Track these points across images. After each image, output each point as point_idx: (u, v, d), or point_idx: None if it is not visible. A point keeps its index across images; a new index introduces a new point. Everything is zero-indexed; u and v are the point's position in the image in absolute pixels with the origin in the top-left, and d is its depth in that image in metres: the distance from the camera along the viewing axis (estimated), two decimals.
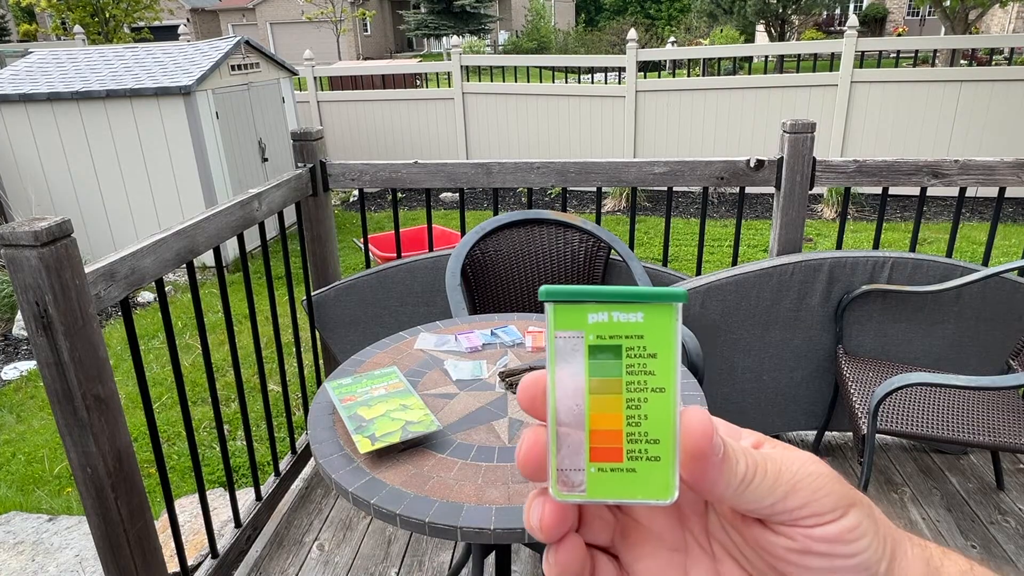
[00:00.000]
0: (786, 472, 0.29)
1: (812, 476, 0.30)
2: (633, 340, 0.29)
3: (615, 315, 0.29)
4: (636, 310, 0.29)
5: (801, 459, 0.30)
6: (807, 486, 0.29)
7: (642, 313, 0.29)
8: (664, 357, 0.29)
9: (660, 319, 0.29)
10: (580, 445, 0.30)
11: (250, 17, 33.80)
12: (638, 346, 0.29)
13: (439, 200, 8.14)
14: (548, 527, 0.30)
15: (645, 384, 0.29)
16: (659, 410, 0.29)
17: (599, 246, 2.39)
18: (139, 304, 5.37)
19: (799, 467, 0.30)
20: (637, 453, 0.29)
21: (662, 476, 0.29)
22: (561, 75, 11.85)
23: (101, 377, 1.40)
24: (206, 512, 1.94)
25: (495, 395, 1.56)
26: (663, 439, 0.29)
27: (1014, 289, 2.24)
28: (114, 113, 5.43)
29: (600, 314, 0.29)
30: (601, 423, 0.29)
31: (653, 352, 0.29)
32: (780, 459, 0.30)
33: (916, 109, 6.80)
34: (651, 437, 0.29)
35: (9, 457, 3.38)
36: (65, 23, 15.31)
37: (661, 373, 0.29)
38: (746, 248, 6.05)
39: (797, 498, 0.29)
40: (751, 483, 0.29)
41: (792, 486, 0.29)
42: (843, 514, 0.29)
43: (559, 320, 0.29)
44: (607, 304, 0.29)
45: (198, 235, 1.75)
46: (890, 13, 29.02)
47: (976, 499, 2.30)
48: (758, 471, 0.29)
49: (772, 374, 2.43)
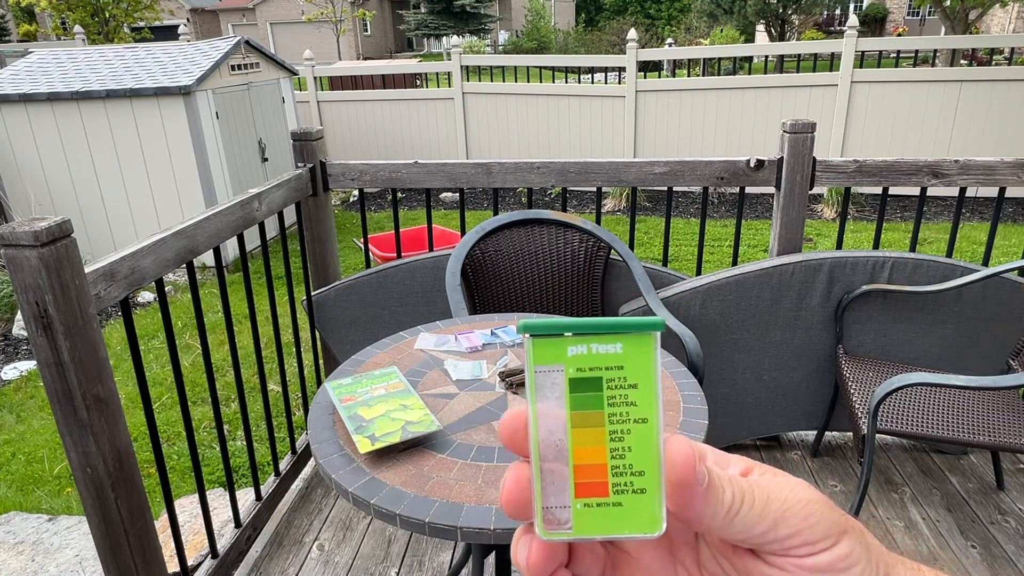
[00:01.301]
0: (774, 500, 0.29)
1: (801, 503, 0.29)
2: (613, 371, 0.29)
3: (594, 347, 0.29)
4: (615, 341, 0.29)
5: (790, 486, 0.30)
6: (796, 513, 0.29)
7: (621, 344, 0.29)
8: (645, 387, 0.29)
9: (639, 349, 0.29)
10: (565, 481, 0.29)
11: (250, 17, 33.80)
12: (618, 377, 0.29)
13: (439, 200, 8.14)
14: (536, 566, 0.29)
15: (627, 415, 0.29)
16: (642, 441, 0.29)
17: (599, 246, 2.39)
18: (139, 304, 5.37)
19: (788, 494, 0.29)
20: (623, 486, 0.29)
21: (649, 508, 0.29)
22: (561, 75, 11.85)
23: (101, 377, 1.40)
24: (206, 512, 1.94)
25: (495, 395, 1.56)
26: (648, 470, 0.29)
27: (1014, 289, 2.24)
28: (114, 113, 5.43)
29: (579, 347, 0.29)
30: (585, 457, 0.29)
31: (634, 383, 0.29)
32: (768, 487, 0.29)
33: (916, 109, 6.80)
34: (636, 469, 0.29)
35: (9, 457, 3.38)
36: (65, 23, 15.31)
37: (643, 403, 0.29)
38: (746, 248, 6.05)
39: (787, 527, 0.29)
40: (738, 512, 0.28)
41: (781, 514, 0.29)
42: (835, 542, 0.29)
43: (538, 354, 0.29)
44: (586, 336, 0.29)
45: (198, 235, 1.75)
46: (890, 13, 29.02)
47: (976, 499, 2.30)
48: (745, 499, 0.29)
49: (772, 374, 2.43)
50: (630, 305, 2.37)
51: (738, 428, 2.52)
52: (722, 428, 2.51)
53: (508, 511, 0.30)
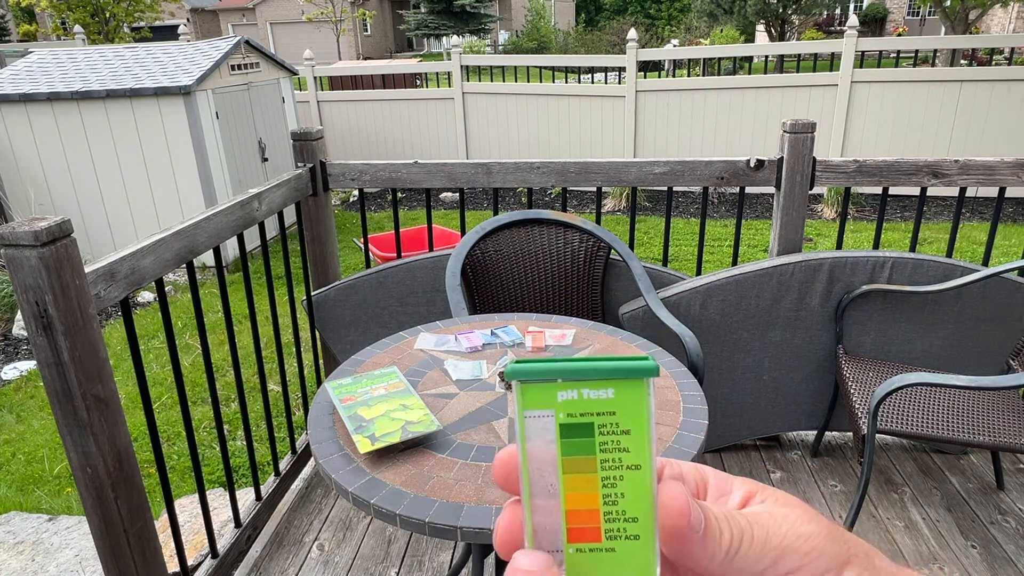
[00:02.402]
0: (774, 536, 0.29)
1: (802, 539, 0.29)
2: (605, 417, 0.28)
3: (585, 392, 0.28)
4: (606, 386, 0.28)
5: (791, 519, 0.29)
6: (797, 550, 0.28)
7: (612, 389, 0.28)
8: (637, 433, 0.28)
9: (631, 394, 0.28)
10: (557, 526, 0.29)
11: (250, 17, 33.80)
12: (610, 423, 0.28)
13: (439, 200, 8.14)
14: None
15: (620, 462, 0.28)
16: (635, 488, 0.28)
17: (599, 246, 2.39)
18: (139, 304, 5.37)
19: (788, 529, 0.29)
20: (616, 532, 0.28)
21: (642, 555, 0.28)
22: (561, 75, 11.85)
23: (101, 377, 1.40)
24: (206, 512, 1.94)
25: (495, 395, 1.56)
26: (641, 517, 0.28)
27: (1014, 289, 2.24)
28: (114, 113, 5.43)
29: (570, 392, 0.28)
30: (577, 502, 0.29)
31: (626, 429, 0.28)
32: (768, 521, 0.29)
33: (916, 109, 6.80)
34: (629, 515, 0.28)
35: (9, 457, 3.38)
36: (65, 23, 15.32)
37: (635, 450, 0.28)
38: (746, 248, 6.05)
39: (787, 563, 0.28)
40: (737, 552, 0.28)
41: (781, 552, 0.28)
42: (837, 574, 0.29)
43: (527, 400, 0.28)
44: (576, 382, 0.28)
45: (198, 235, 1.75)
46: (890, 13, 29.02)
47: (976, 499, 2.30)
48: (744, 540, 0.28)
49: (772, 374, 2.43)
50: (630, 305, 2.37)
51: (738, 428, 2.52)
52: (722, 428, 2.51)
53: (502, 554, 0.30)
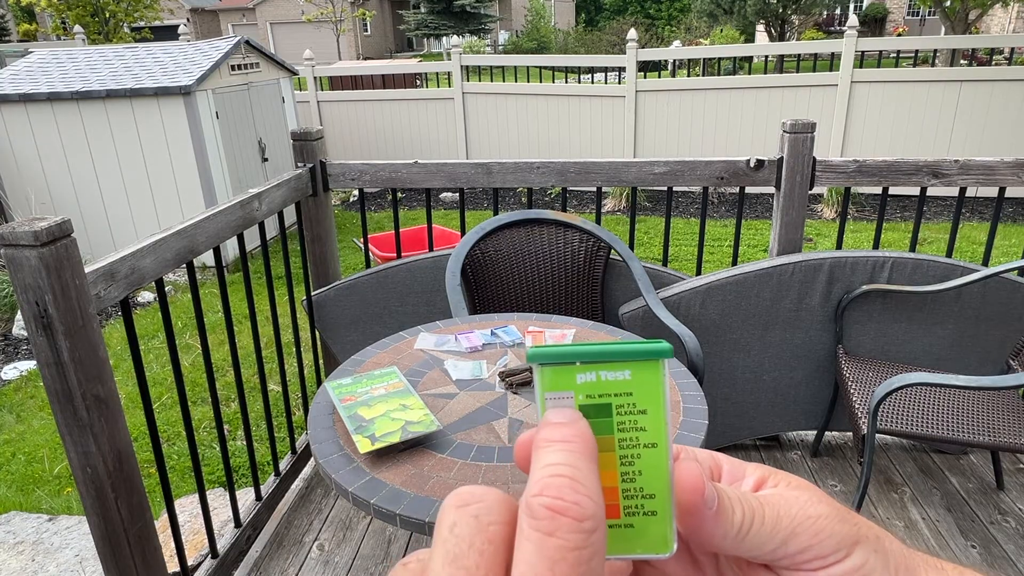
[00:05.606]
0: (785, 517, 0.29)
1: (812, 519, 0.29)
2: (622, 398, 0.29)
3: (603, 374, 0.29)
4: (623, 368, 0.29)
5: (801, 501, 0.30)
6: (807, 530, 0.29)
7: (629, 371, 0.29)
8: (654, 413, 0.29)
9: (648, 376, 0.29)
10: None
11: (250, 17, 33.80)
12: (628, 403, 0.29)
13: (439, 200, 8.14)
14: None
15: (637, 440, 0.29)
16: (652, 465, 0.29)
17: (599, 246, 2.39)
18: (139, 304, 5.37)
19: (798, 510, 0.30)
20: (634, 508, 0.29)
21: (659, 530, 0.29)
22: (561, 75, 11.85)
23: (101, 377, 1.40)
24: (206, 512, 1.94)
25: (495, 395, 1.56)
26: (658, 493, 0.29)
27: (1014, 289, 2.24)
28: (114, 113, 5.43)
29: (588, 374, 0.29)
30: None
31: (643, 408, 0.29)
32: (779, 503, 0.30)
33: (916, 109, 6.80)
34: (646, 492, 0.29)
35: (9, 457, 3.38)
36: (65, 23, 15.31)
37: (652, 428, 0.29)
38: (746, 248, 6.05)
39: (797, 543, 0.29)
40: (749, 531, 0.29)
41: (791, 531, 0.29)
42: (847, 555, 0.29)
43: (548, 382, 0.30)
44: (594, 364, 0.29)
45: (198, 235, 1.75)
46: (890, 13, 29.02)
47: (976, 499, 2.30)
48: (755, 519, 0.29)
49: (772, 374, 2.43)
50: (630, 305, 2.37)
51: (738, 428, 2.52)
52: (722, 428, 2.51)
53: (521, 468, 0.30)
